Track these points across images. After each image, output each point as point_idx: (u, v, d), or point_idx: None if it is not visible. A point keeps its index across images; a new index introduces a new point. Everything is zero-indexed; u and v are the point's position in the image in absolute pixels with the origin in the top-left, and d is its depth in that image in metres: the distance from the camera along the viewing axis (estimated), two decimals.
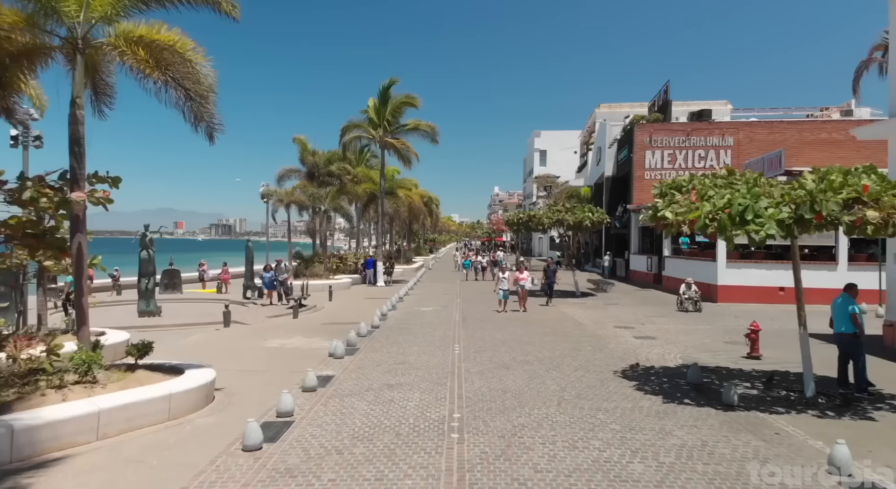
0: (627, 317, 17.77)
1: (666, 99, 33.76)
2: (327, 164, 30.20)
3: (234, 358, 11.93)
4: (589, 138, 57.80)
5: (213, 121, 8.22)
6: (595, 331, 15.06)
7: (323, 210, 28.14)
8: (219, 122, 8.27)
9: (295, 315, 17.56)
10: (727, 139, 32.02)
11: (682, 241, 26.58)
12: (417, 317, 17.83)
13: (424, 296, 24.45)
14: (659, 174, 32.44)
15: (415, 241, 70.69)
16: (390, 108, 28.11)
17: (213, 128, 8.31)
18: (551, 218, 23.06)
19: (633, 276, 32.03)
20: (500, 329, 15.26)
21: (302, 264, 28.36)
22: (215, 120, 8.24)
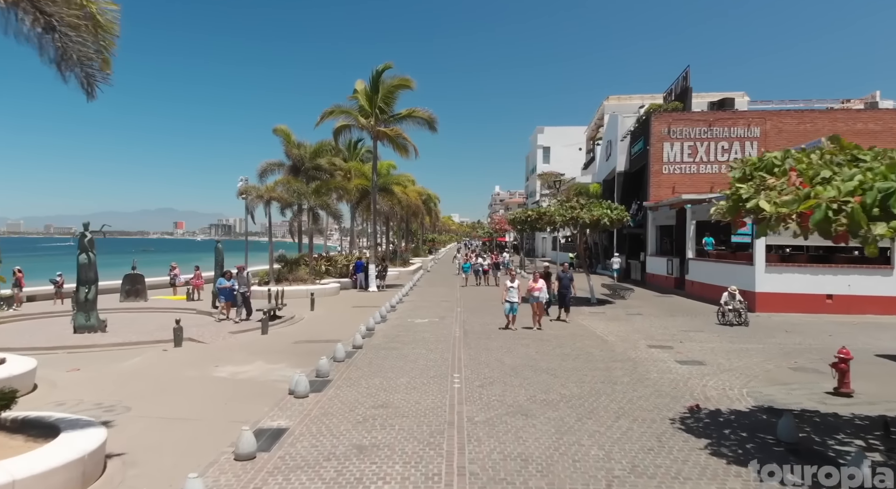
0: (659, 333, 14.98)
1: (685, 86, 30.95)
2: (314, 158, 27.40)
3: (166, 395, 9.15)
4: (595, 133, 55.03)
5: (92, 64, 5.42)
6: (626, 353, 12.27)
7: (307, 207, 25.35)
8: (100, 69, 5.45)
9: (264, 330, 14.77)
10: (753, 130, 29.21)
11: (706, 242, 23.79)
12: (410, 332, 15.05)
13: (420, 303, 21.67)
14: (678, 168, 29.66)
15: (413, 241, 67.91)
16: (383, 93, 25.28)
17: (91, 75, 5.51)
18: (564, 216, 20.27)
19: (650, 280, 29.24)
20: (510, 350, 12.47)
21: (285, 268, 25.56)
22: (95, 63, 5.44)
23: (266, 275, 24.71)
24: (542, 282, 14.48)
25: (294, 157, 26.65)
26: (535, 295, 14.66)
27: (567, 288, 16.39)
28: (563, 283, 16.48)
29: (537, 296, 14.66)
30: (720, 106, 31.39)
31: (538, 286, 14.59)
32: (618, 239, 35.73)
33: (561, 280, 16.48)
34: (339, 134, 26.26)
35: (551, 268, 23.58)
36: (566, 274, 16.71)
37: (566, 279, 16.57)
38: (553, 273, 17.80)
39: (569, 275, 16.69)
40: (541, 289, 14.41)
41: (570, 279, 16.74)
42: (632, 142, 34.17)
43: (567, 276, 16.57)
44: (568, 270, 16.89)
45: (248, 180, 24.55)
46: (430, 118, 25.69)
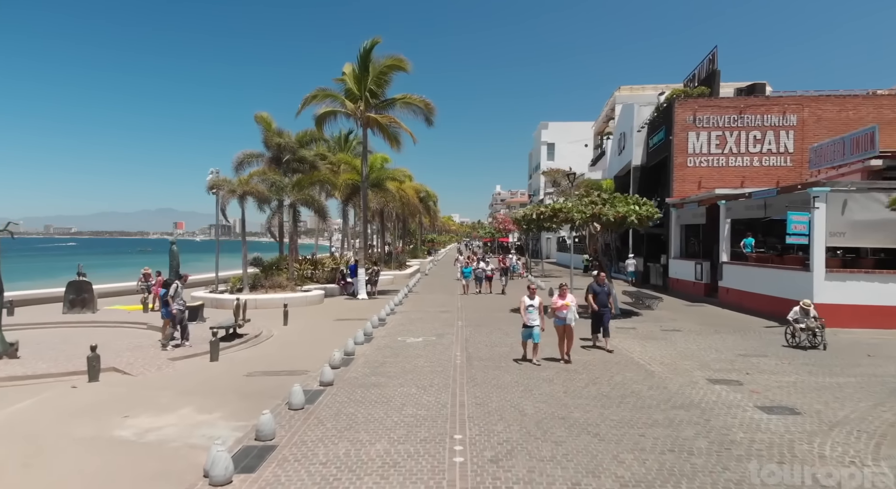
0: (712, 358, 11.87)
1: (712, 69, 27.83)
2: (298, 148, 24.30)
3: (19, 477, 6.07)
4: (604, 128, 51.90)
5: None
6: (685, 392, 9.17)
7: (288, 203, 22.23)
8: None
9: (213, 356, 11.66)
10: (789, 117, 26.10)
11: (746, 243, 20.70)
12: (399, 356, 11.94)
13: (415, 315, 18.57)
14: (705, 160, 26.56)
15: (411, 241, 64.79)
16: (373, 74, 22.17)
17: None
18: (584, 212, 17.17)
19: (674, 286, 26.14)
20: (529, 388, 9.36)
21: (261, 273, 22.45)
22: None
23: (238, 281, 21.62)
24: (570, 298, 11.07)
25: (274, 146, 23.53)
26: (561, 315, 11.01)
27: (605, 305, 12.41)
28: (600, 299, 12.35)
29: (565, 316, 10.99)
30: (749, 92, 28.32)
31: (566, 303, 10.99)
32: (634, 239, 32.62)
33: (597, 295, 12.33)
34: (322, 121, 23.16)
35: (564, 280, 20.35)
36: (603, 287, 12.53)
37: (603, 294, 12.39)
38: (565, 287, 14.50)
39: (606, 289, 12.54)
40: (569, 307, 10.99)
41: (608, 293, 12.56)
42: (649, 133, 31.08)
43: (604, 290, 12.45)
44: (605, 282, 12.68)
45: (220, 173, 21.43)
46: (426, 105, 22.57)
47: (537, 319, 11.00)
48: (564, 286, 11.35)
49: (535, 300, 11.05)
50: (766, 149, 26.25)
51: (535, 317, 10.98)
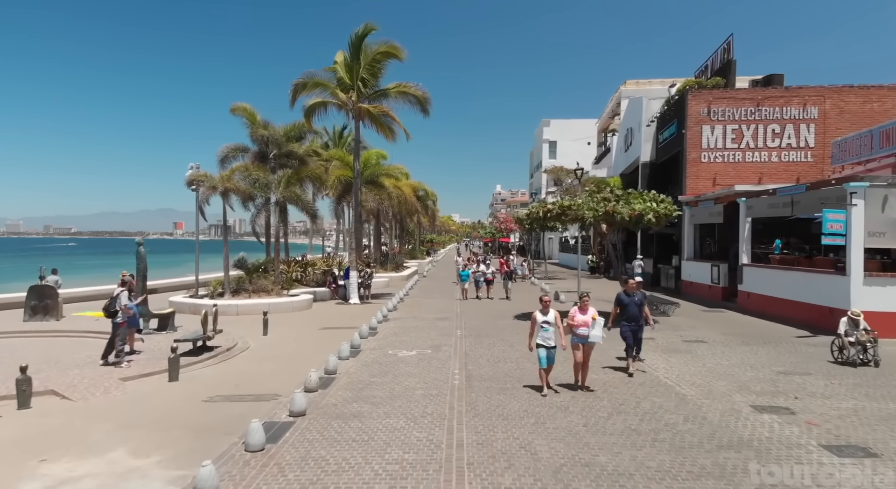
0: (749, 376, 10.28)
1: (727, 59, 26.23)
2: (285, 142, 22.70)
3: None
4: (608, 125, 50.35)
5: None
6: (728, 424, 7.58)
7: (275, 201, 20.64)
8: None
9: (172, 375, 10.06)
10: (810, 110, 24.51)
11: (776, 244, 19.12)
12: (388, 375, 10.35)
13: (410, 322, 16.99)
14: (720, 155, 24.97)
15: (410, 242, 63.21)
16: (365, 62, 20.55)
17: None
18: (596, 210, 15.59)
19: (687, 290, 24.55)
20: (541, 420, 7.75)
21: (246, 276, 20.84)
22: None
23: (219, 285, 20.02)
24: (593, 312, 9.14)
25: (260, 140, 21.92)
26: (581, 333, 8.98)
27: (638, 319, 10.21)
28: (630, 312, 10.11)
29: (586, 334, 8.97)
30: (767, 83, 26.73)
31: (587, 319, 8.96)
32: (642, 239, 31.02)
33: (626, 307, 10.15)
34: (312, 113, 21.52)
35: (566, 285, 18.67)
36: (633, 296, 10.24)
37: (634, 305, 10.11)
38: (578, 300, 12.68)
39: (637, 299, 10.24)
40: (588, 323, 9.01)
41: (640, 304, 10.23)
42: (659, 127, 29.48)
43: (635, 301, 10.19)
44: (634, 289, 10.43)
45: (200, 167, 19.84)
46: (421, 96, 20.94)
47: (553, 339, 8.86)
48: (586, 297, 9.37)
49: (549, 315, 8.89)
50: (786, 143, 24.66)
51: (550, 335, 8.81)
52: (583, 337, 9.07)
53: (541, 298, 9.12)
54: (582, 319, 9.08)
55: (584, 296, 9.41)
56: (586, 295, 9.42)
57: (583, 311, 9.17)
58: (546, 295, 9.02)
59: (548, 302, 9.03)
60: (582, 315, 9.13)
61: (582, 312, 9.17)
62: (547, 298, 9.02)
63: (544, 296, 9.08)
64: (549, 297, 9.08)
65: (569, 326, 9.15)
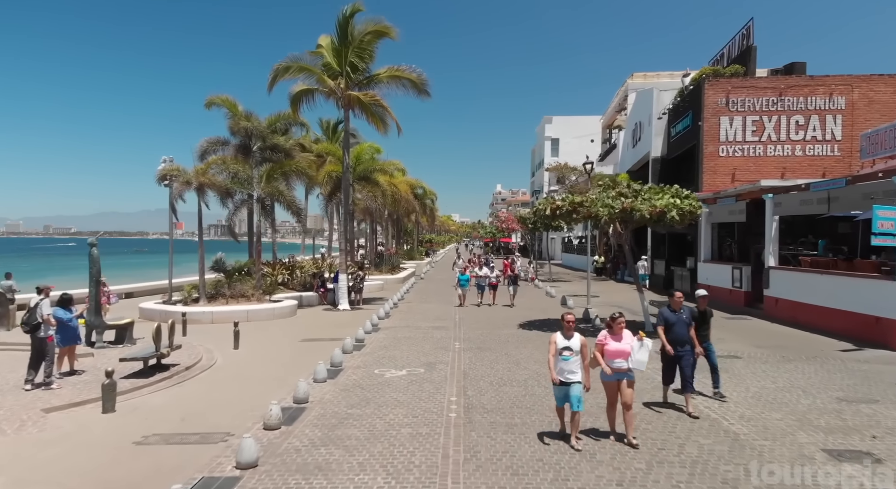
0: (804, 405, 8.49)
1: (747, 45, 24.43)
2: (269, 134, 20.89)
3: None
4: (613, 120, 48.64)
5: None
6: (807, 481, 5.79)
7: (257, 197, 18.85)
8: None
9: (106, 404, 8.26)
10: (836, 100, 22.74)
11: (820, 245, 17.34)
12: (370, 405, 8.55)
13: (403, 333, 15.21)
14: (739, 149, 23.20)
15: (408, 242, 61.43)
16: (354, 44, 18.76)
17: None
18: (611, 207, 13.79)
19: None
20: (564, 482, 5.94)
21: (225, 279, 19.05)
22: None
23: (193, 290, 18.24)
24: (630, 337, 6.88)
25: (241, 132, 20.11)
26: (617, 365, 6.72)
27: (686, 341, 7.93)
28: (677, 333, 7.89)
29: (625, 367, 6.75)
30: (788, 73, 24.94)
31: (623, 348, 6.74)
32: (653, 239, 29.24)
33: (671, 326, 7.93)
34: (298, 102, 19.72)
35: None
36: (680, 313, 8.02)
37: (682, 324, 7.93)
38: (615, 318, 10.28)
39: (686, 316, 8.01)
40: (627, 352, 6.78)
41: (690, 323, 8.01)
42: (672, 120, 27.70)
43: (684, 319, 7.98)
44: (679, 304, 8.03)
45: (174, 161, 18.07)
46: (416, 79, 19.11)
47: (578, 372, 6.63)
48: (621, 318, 6.99)
49: (573, 340, 6.69)
50: (811, 136, 22.90)
51: (574, 367, 6.63)
52: (621, 371, 6.72)
53: (563, 317, 6.88)
54: (616, 348, 6.77)
55: (616, 317, 6.98)
56: (619, 315, 7.01)
57: (616, 337, 6.85)
58: (570, 312, 6.91)
59: (572, 322, 6.80)
60: (616, 342, 6.82)
61: (615, 338, 6.85)
62: (571, 317, 6.82)
63: (567, 314, 6.85)
64: (573, 316, 6.87)
65: (598, 355, 6.87)
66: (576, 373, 6.63)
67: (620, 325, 6.93)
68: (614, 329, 6.93)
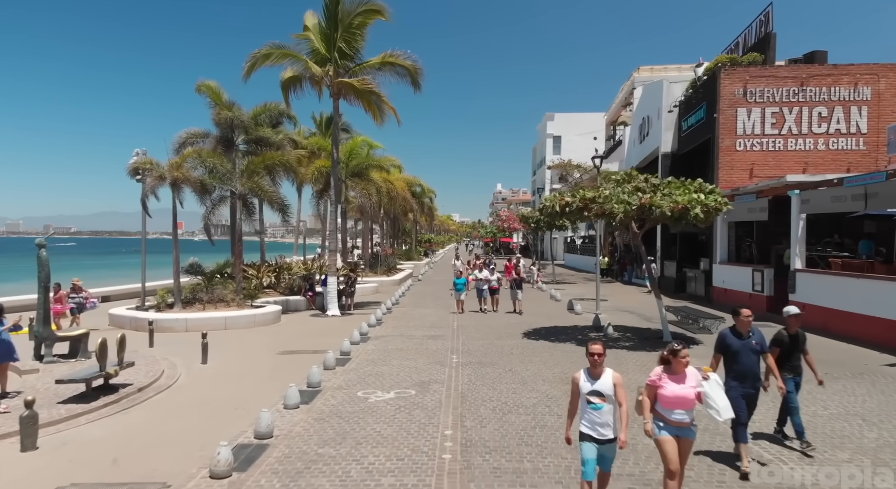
0: (869, 438, 6.99)
1: (765, 32, 22.90)
2: (254, 126, 19.41)
3: None
4: (617, 117, 47.13)
5: None
6: None
7: (238, 193, 17.34)
8: None
9: (25, 441, 6.75)
10: (861, 90, 21.23)
11: (863, 246, 15.84)
12: (346, 442, 7.04)
13: (394, 343, 13.71)
14: (757, 143, 21.68)
15: (406, 242, 59.94)
16: (344, 26, 17.23)
17: None
18: (628, 203, 12.29)
19: (721, 298, 21.23)
20: None
21: (204, 283, 17.55)
22: None
23: (166, 294, 16.74)
24: (692, 377, 4.92)
25: (224, 123, 18.61)
26: (678, 417, 4.80)
27: (754, 377, 6.08)
28: (743, 365, 6.02)
29: (687, 420, 4.83)
30: (808, 62, 23.42)
31: (686, 393, 4.82)
32: (663, 239, 27.73)
33: (736, 356, 6.04)
34: (289, 88, 18.21)
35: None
36: (749, 339, 6.10)
37: (749, 353, 6.04)
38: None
39: (756, 341, 6.12)
40: (692, 400, 4.85)
41: (760, 351, 6.14)
42: (683, 113, 26.20)
43: (751, 346, 6.07)
44: (747, 325, 6.11)
45: (148, 153, 16.58)
46: (412, 67, 17.59)
47: (613, 425, 4.67)
48: (684, 350, 4.94)
49: (603, 380, 4.70)
50: (834, 129, 21.38)
51: (607, 418, 4.65)
52: (682, 426, 4.80)
53: (588, 348, 4.77)
54: (678, 392, 4.81)
55: (678, 348, 4.91)
56: (682, 346, 4.96)
57: (677, 378, 4.88)
58: (597, 342, 4.84)
59: (601, 356, 4.73)
60: (676, 383, 4.85)
61: (676, 378, 4.88)
62: (599, 348, 4.74)
63: (594, 343, 4.79)
64: (601, 347, 4.76)
65: (645, 405, 4.90)
66: (610, 427, 4.65)
67: (684, 361, 4.90)
68: (674, 366, 4.93)
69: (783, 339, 6.63)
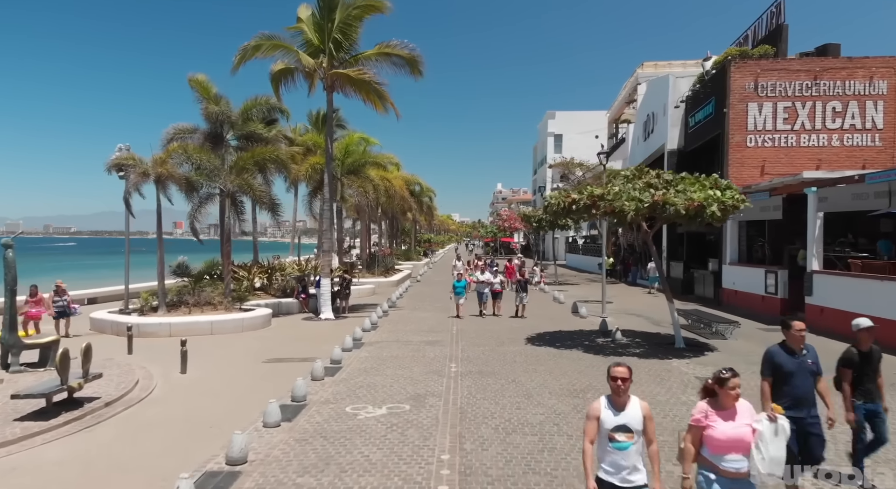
0: None
1: (777, 24, 22.07)
2: (243, 122, 18.59)
3: None
4: (620, 114, 46.30)
5: None
6: None
7: (227, 191, 16.52)
8: None
9: None
10: (877, 84, 20.43)
11: (882, 245, 15.03)
12: (328, 472, 6.20)
13: (389, 350, 12.89)
14: (769, 139, 20.87)
15: (405, 242, 59.13)
16: (340, 18, 16.42)
17: None
18: (640, 200, 11.47)
19: (731, 300, 20.43)
20: None
21: (191, 285, 16.73)
22: None
23: (150, 297, 15.92)
24: (745, 413, 3.87)
25: (211, 117, 17.79)
26: (731, 465, 3.73)
27: (809, 403, 5.05)
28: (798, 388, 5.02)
29: (744, 470, 3.75)
30: (821, 55, 22.59)
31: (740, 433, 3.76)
32: (669, 239, 26.90)
33: (789, 378, 5.03)
34: (279, 83, 17.41)
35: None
36: (801, 357, 5.04)
37: (804, 374, 5.00)
38: None
39: (811, 363, 5.06)
40: (748, 442, 3.77)
41: (815, 372, 5.07)
42: (690, 109, 25.39)
43: (807, 366, 5.04)
44: (800, 340, 5.05)
45: (132, 149, 15.76)
46: (409, 55, 16.77)
47: (643, 468, 3.73)
48: (734, 379, 3.84)
49: (629, 412, 3.77)
50: (849, 124, 20.58)
51: (635, 460, 3.70)
52: (738, 477, 3.77)
53: (610, 371, 3.88)
54: (729, 433, 3.78)
55: (727, 376, 3.85)
56: (731, 373, 3.86)
57: (726, 414, 3.85)
58: (621, 365, 3.92)
59: (625, 382, 3.82)
60: (726, 421, 3.82)
61: (725, 414, 3.85)
62: (623, 371, 3.84)
63: (617, 366, 3.89)
64: (626, 370, 3.86)
65: (688, 449, 3.88)
66: (640, 472, 3.70)
67: (733, 393, 3.83)
68: (722, 399, 3.87)
69: (853, 359, 5.50)
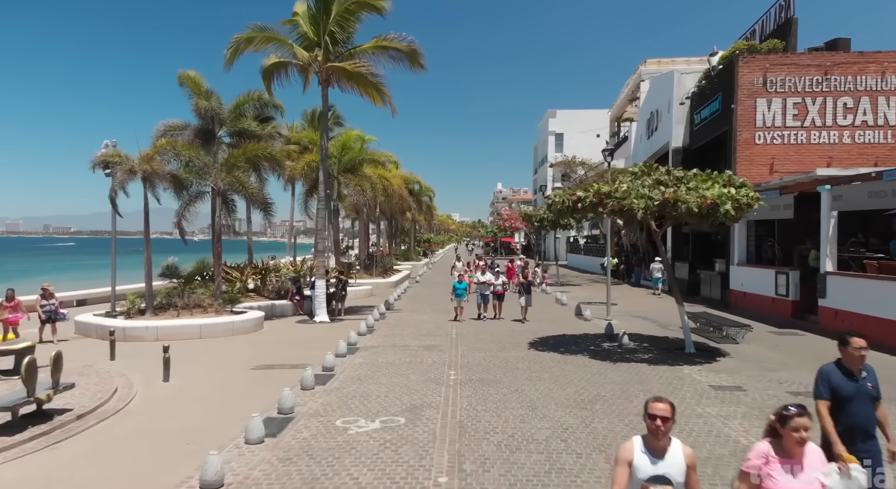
0: None
1: (786, 17, 21.45)
2: (235, 118, 17.98)
3: None
4: (622, 112, 45.67)
5: None
6: None
7: (219, 190, 15.91)
8: None
9: None
10: (890, 80, 19.84)
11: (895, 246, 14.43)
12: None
13: (385, 356, 12.29)
14: (778, 136, 20.26)
15: (405, 242, 58.53)
16: (337, 11, 15.79)
17: None
18: (650, 198, 10.87)
19: (739, 302, 19.83)
20: None
21: (180, 286, 16.12)
22: None
23: (137, 299, 15.32)
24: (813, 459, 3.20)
25: (203, 113, 17.18)
26: None
27: (868, 432, 4.27)
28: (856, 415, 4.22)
29: None
30: (831, 50, 21.99)
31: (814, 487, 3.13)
32: (674, 239, 26.29)
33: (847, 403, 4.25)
34: (271, 76, 16.79)
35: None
36: (860, 380, 4.31)
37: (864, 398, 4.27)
38: None
39: (871, 384, 4.35)
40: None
41: (876, 397, 4.35)
42: (696, 105, 24.79)
43: (867, 389, 4.32)
44: (860, 360, 4.33)
45: (118, 145, 15.16)
46: (407, 48, 16.17)
47: None
48: (802, 419, 3.16)
49: (671, 458, 3.14)
50: (860, 120, 19.97)
51: None
52: None
53: (648, 407, 3.25)
54: (794, 487, 3.15)
55: (792, 413, 3.19)
56: (799, 410, 3.20)
57: (791, 463, 3.19)
58: (660, 400, 3.25)
59: (665, 425, 3.16)
60: (792, 470, 3.18)
61: (791, 462, 3.20)
62: (663, 409, 3.18)
63: (655, 401, 3.24)
64: (666, 407, 3.20)
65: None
66: None
67: (797, 435, 3.16)
68: (786, 443, 3.21)
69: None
